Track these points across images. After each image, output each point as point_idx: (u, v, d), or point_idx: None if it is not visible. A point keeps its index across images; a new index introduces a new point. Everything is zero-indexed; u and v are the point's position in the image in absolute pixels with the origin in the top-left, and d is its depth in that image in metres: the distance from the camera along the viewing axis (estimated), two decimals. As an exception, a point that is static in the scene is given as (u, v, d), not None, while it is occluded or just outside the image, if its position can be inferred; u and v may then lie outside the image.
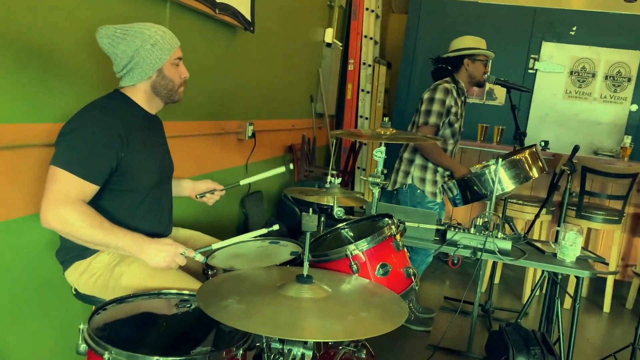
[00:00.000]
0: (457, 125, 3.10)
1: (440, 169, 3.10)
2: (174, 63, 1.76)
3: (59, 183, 1.54)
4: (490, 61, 3.26)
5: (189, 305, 1.53)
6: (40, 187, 1.58)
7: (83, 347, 1.29)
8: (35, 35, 1.67)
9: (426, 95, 3.07)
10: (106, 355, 1.21)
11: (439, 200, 3.12)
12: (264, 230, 1.72)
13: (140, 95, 1.77)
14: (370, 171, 5.56)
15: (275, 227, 1.71)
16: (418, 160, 3.12)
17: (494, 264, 3.84)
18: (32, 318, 1.84)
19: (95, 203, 1.63)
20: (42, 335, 1.90)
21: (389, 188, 3.24)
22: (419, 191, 3.11)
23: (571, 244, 2.32)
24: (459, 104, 3.10)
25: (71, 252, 1.75)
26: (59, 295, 1.92)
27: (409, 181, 3.13)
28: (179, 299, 1.56)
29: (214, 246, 1.76)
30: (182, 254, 1.65)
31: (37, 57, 1.69)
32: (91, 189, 1.60)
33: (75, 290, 1.80)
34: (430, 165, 3.09)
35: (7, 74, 1.59)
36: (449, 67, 3.13)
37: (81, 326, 1.31)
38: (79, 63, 1.87)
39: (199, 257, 1.68)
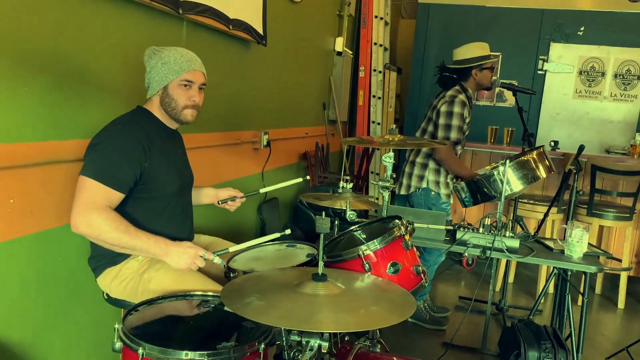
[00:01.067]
0: (466, 132, 3.20)
1: (449, 182, 3.20)
2: (181, 84, 1.86)
3: (88, 191, 1.68)
4: (500, 62, 3.34)
5: (213, 305, 1.64)
6: (71, 199, 1.71)
7: (118, 344, 1.41)
8: (63, 58, 1.81)
9: (443, 109, 3.10)
10: (140, 351, 1.32)
11: (451, 201, 3.22)
12: (277, 235, 1.83)
13: (157, 109, 1.91)
14: (382, 176, 5.65)
15: (288, 231, 1.81)
16: (432, 165, 3.20)
17: (507, 264, 3.91)
18: (67, 321, 1.98)
19: (122, 210, 1.76)
20: (77, 337, 2.03)
21: (402, 192, 3.32)
22: (433, 193, 3.20)
23: (578, 241, 2.40)
24: (469, 113, 3.19)
25: (103, 259, 1.88)
26: (91, 300, 2.06)
27: (424, 185, 3.20)
28: (203, 300, 1.68)
29: (231, 249, 1.87)
30: (201, 256, 1.77)
31: (68, 78, 1.83)
32: (117, 196, 1.73)
33: (107, 295, 1.92)
34: (442, 168, 3.18)
35: (40, 95, 1.72)
36: (456, 76, 3.19)
37: (116, 326, 1.43)
38: (105, 83, 2.01)
39: (217, 260, 1.79)
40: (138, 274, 1.85)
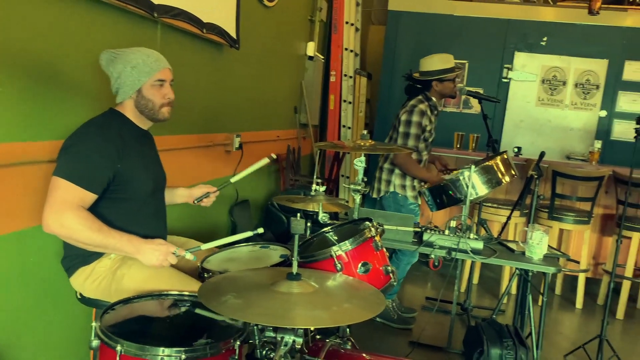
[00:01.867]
0: (430, 140, 3.33)
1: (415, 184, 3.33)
2: (154, 84, 1.90)
3: (60, 191, 1.69)
4: (467, 70, 3.48)
5: (189, 304, 1.68)
6: (43, 201, 1.72)
7: (95, 342, 1.44)
8: (36, 59, 1.82)
9: (403, 117, 3.26)
10: (118, 348, 1.36)
11: (419, 202, 3.34)
12: (249, 233, 1.87)
13: (130, 112, 1.94)
14: (353, 179, 5.74)
15: (260, 230, 1.85)
16: (397, 170, 3.33)
17: (472, 265, 4.04)
18: (40, 322, 1.97)
19: (95, 211, 1.78)
20: (50, 338, 2.03)
21: (374, 195, 3.44)
22: (400, 195, 3.33)
23: (538, 243, 2.51)
24: (433, 120, 3.32)
25: (76, 258, 1.89)
26: (64, 300, 2.06)
27: (392, 188, 3.35)
28: (180, 299, 1.72)
29: (203, 246, 1.91)
30: (173, 253, 1.81)
31: (41, 80, 1.84)
32: (90, 197, 1.75)
33: (80, 294, 1.94)
34: (408, 183, 3.33)
35: (14, 96, 1.73)
36: (420, 85, 3.34)
37: (93, 324, 1.45)
38: (78, 84, 2.02)
39: (189, 256, 1.83)
40: (111, 271, 1.87)
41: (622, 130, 5.54)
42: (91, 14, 2.03)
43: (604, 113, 5.58)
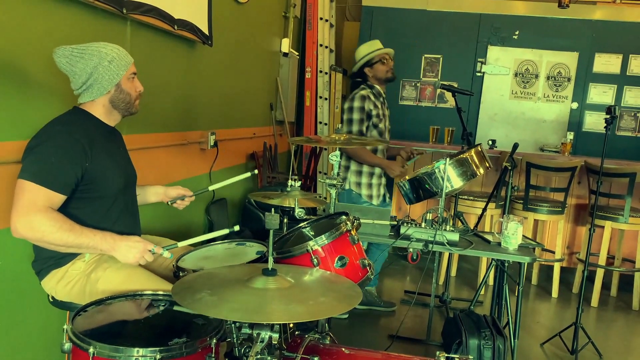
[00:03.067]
0: (381, 126, 3.35)
1: (375, 173, 3.35)
2: (129, 78, 1.90)
3: (27, 194, 1.64)
4: (441, 64, 3.53)
5: (164, 304, 1.65)
6: (9, 203, 1.67)
7: (68, 345, 1.40)
8: (4, 57, 1.77)
9: (346, 105, 3.34)
10: (91, 350, 1.33)
11: (375, 202, 3.38)
12: (225, 231, 1.85)
13: (99, 109, 1.89)
14: (330, 174, 5.74)
15: (236, 227, 1.84)
16: (353, 167, 3.38)
17: (449, 258, 4.07)
18: (11, 326, 1.93)
19: (66, 211, 1.74)
20: (22, 342, 1.98)
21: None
22: (354, 193, 3.39)
23: (513, 233, 2.54)
24: (379, 106, 3.36)
25: (48, 261, 1.84)
26: (35, 304, 2.01)
27: (347, 186, 3.40)
28: (154, 299, 1.69)
29: (180, 244, 1.88)
30: (150, 250, 1.78)
31: (5, 78, 1.79)
32: (58, 198, 1.70)
33: (52, 297, 1.89)
34: (365, 169, 3.37)
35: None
36: (360, 79, 3.42)
37: (65, 326, 1.42)
38: (46, 82, 1.97)
39: (166, 254, 1.81)
40: (85, 274, 1.83)
41: (593, 122, 5.65)
42: (56, 10, 1.98)
43: (575, 105, 5.68)
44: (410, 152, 3.51)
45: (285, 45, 5.11)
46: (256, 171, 2.37)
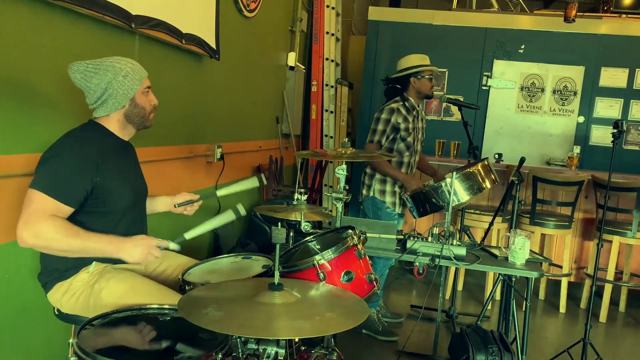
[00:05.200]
0: (410, 139, 3.33)
1: (399, 181, 3.32)
2: (144, 92, 1.91)
3: (36, 203, 1.65)
4: (446, 78, 3.52)
5: (169, 318, 1.65)
6: (19, 215, 1.67)
7: (73, 359, 1.40)
8: (11, 71, 1.78)
9: (375, 116, 3.36)
10: (96, 365, 1.32)
11: (397, 210, 3.34)
12: (232, 216, 1.84)
13: (114, 123, 1.90)
14: (336, 188, 5.74)
15: (242, 211, 1.84)
16: (378, 175, 3.35)
17: (456, 272, 4.04)
18: (17, 339, 1.92)
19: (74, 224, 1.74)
20: (27, 355, 1.98)
21: (359, 199, 3.50)
22: (378, 200, 3.37)
23: (520, 248, 2.53)
24: (410, 120, 3.32)
25: (53, 273, 1.84)
26: (41, 317, 2.01)
27: (371, 193, 3.38)
28: (159, 313, 1.68)
29: (187, 235, 1.88)
30: (157, 246, 1.78)
31: (15, 93, 1.80)
32: (66, 210, 1.71)
33: (58, 310, 1.89)
34: (389, 178, 3.31)
35: (-11, 109, 1.70)
36: (398, 86, 3.37)
37: (71, 340, 1.41)
38: (55, 96, 1.99)
39: (173, 245, 1.81)
40: (89, 285, 1.83)
41: (600, 136, 5.63)
42: (66, 25, 2.01)
43: (582, 119, 5.67)
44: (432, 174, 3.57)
45: (292, 59, 5.14)
46: (264, 179, 2.35)
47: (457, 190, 2.75)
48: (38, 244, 1.65)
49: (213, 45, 3.22)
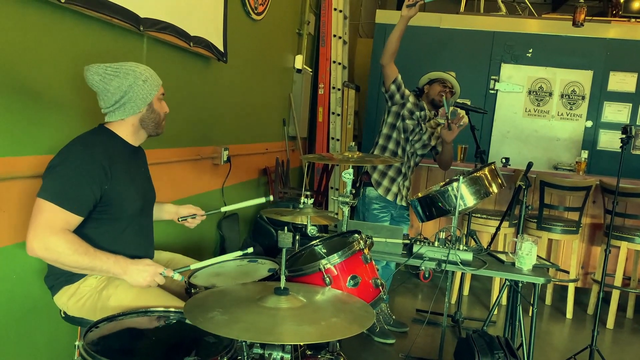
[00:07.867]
0: (410, 124, 3.34)
1: (398, 180, 3.31)
2: (159, 98, 1.92)
3: (45, 214, 1.65)
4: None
5: (175, 321, 1.65)
6: (26, 217, 1.68)
7: (79, 361, 1.40)
8: (20, 72, 1.79)
9: None
10: (102, 367, 1.32)
11: (390, 197, 3.35)
12: (239, 253, 1.85)
13: (127, 128, 1.89)
14: (342, 191, 5.73)
15: (250, 250, 1.84)
16: (380, 166, 3.38)
17: (462, 277, 4.03)
18: (22, 340, 1.93)
19: (81, 232, 1.74)
20: (33, 357, 1.98)
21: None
22: (367, 200, 3.40)
23: (527, 253, 2.51)
24: (416, 112, 3.37)
25: (60, 277, 1.85)
26: (47, 319, 2.01)
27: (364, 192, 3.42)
28: (165, 316, 1.68)
29: (192, 266, 1.89)
30: (161, 273, 1.78)
31: (23, 93, 1.81)
32: (75, 219, 1.71)
33: (64, 313, 1.89)
34: (389, 173, 3.35)
35: (-3, 111, 1.70)
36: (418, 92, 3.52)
37: (77, 342, 1.42)
38: (63, 98, 2.00)
39: (177, 277, 1.80)
40: (97, 291, 1.83)
41: (608, 140, 5.60)
42: (74, 27, 2.01)
43: (589, 123, 5.64)
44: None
45: (299, 61, 5.14)
46: (271, 197, 2.35)
47: (463, 195, 2.74)
48: (47, 256, 1.66)
49: (221, 48, 3.22)
